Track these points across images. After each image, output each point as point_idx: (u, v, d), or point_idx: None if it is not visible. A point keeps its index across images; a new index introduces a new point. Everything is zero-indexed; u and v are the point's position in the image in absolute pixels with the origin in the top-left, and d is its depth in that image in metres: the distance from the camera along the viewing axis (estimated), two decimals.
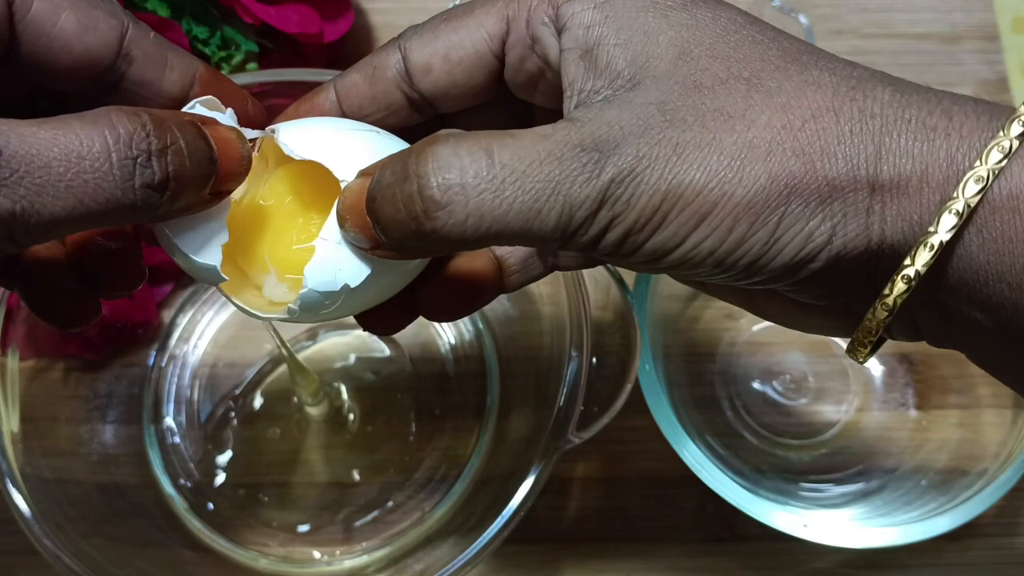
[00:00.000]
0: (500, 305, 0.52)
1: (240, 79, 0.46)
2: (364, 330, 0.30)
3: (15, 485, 0.40)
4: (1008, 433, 0.46)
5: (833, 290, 0.26)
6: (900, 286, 0.24)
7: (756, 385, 0.50)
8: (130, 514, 0.47)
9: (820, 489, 0.48)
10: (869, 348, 0.26)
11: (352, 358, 0.51)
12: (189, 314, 0.52)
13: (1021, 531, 0.47)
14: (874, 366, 0.50)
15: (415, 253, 0.26)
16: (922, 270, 0.23)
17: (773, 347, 0.51)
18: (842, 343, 0.51)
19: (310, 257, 0.26)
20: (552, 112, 0.28)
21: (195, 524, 0.47)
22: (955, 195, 0.23)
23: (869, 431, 0.49)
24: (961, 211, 0.23)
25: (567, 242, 0.24)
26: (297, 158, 0.26)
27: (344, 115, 0.29)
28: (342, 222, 0.26)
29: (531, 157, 0.24)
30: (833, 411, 0.50)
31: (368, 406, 0.50)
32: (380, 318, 0.30)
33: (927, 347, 0.51)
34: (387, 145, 0.27)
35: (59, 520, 0.41)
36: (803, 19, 0.53)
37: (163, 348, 0.51)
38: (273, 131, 0.27)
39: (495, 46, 0.27)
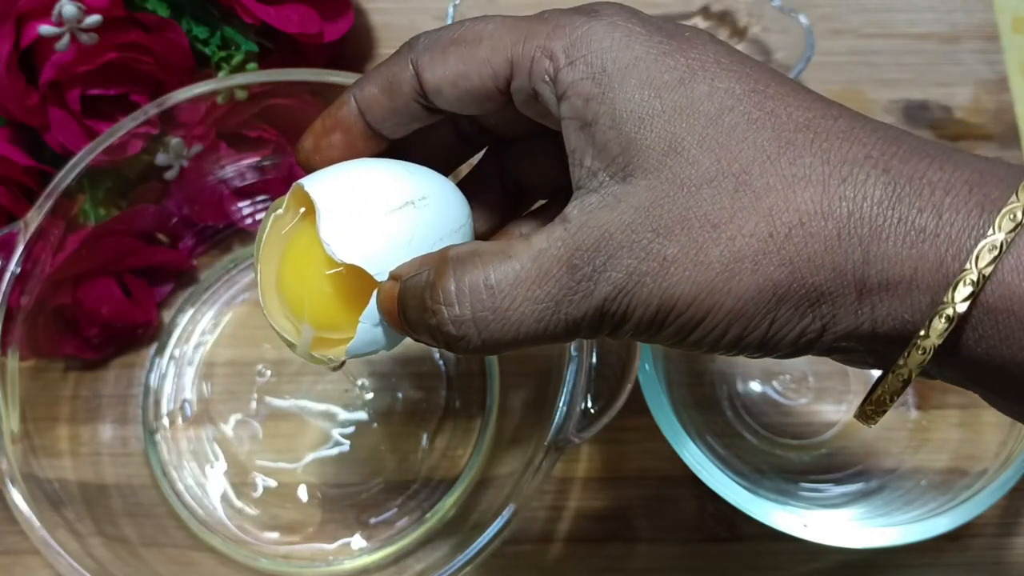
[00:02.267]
0: None
1: (240, 79, 0.47)
2: None
3: (15, 485, 0.40)
4: (1008, 433, 0.46)
5: (846, 358, 0.27)
6: (895, 383, 0.25)
7: (756, 385, 0.50)
8: (130, 514, 0.47)
9: (820, 489, 0.48)
10: (879, 416, 0.27)
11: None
12: (189, 314, 0.52)
13: (1021, 531, 0.47)
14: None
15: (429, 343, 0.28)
16: (916, 371, 0.24)
17: None
18: None
19: (345, 316, 0.29)
20: None
21: (195, 524, 0.47)
22: (945, 299, 0.23)
23: (869, 431, 0.49)
24: (952, 316, 0.23)
25: (584, 338, 0.27)
26: (337, 259, 0.27)
27: (368, 126, 0.29)
28: (381, 314, 0.28)
29: (530, 280, 0.25)
30: (833, 411, 0.50)
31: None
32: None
33: None
34: (432, 221, 0.29)
35: (59, 520, 0.41)
36: (803, 19, 0.53)
37: (163, 348, 0.51)
38: (301, 185, 0.29)
39: (501, 84, 0.27)
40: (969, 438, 0.48)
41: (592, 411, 0.40)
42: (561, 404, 0.40)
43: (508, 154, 0.32)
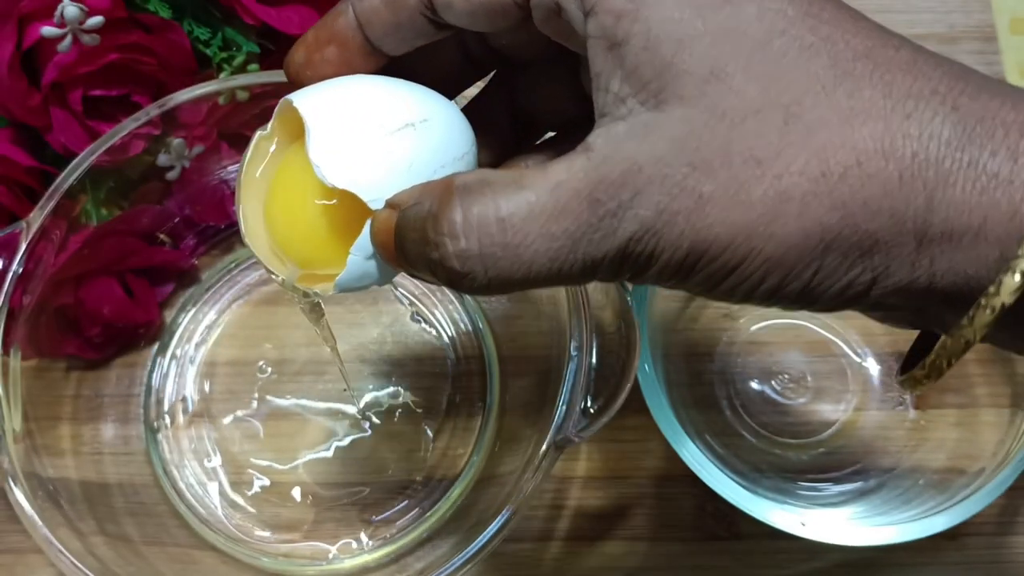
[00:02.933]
0: (500, 305, 0.52)
1: (241, 80, 0.47)
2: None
3: (17, 484, 0.40)
4: (1006, 432, 0.46)
5: (885, 315, 0.25)
6: (955, 345, 0.22)
7: (755, 385, 0.50)
8: (132, 513, 0.47)
9: (818, 488, 0.48)
10: (928, 383, 0.25)
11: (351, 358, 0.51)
12: (191, 313, 0.52)
13: (1019, 530, 0.47)
14: (872, 365, 0.51)
15: (432, 283, 0.26)
16: (981, 332, 0.21)
17: (772, 347, 0.51)
18: (841, 343, 0.51)
19: (336, 250, 0.26)
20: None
21: (196, 523, 0.47)
22: (1020, 253, 0.20)
23: (867, 430, 0.49)
24: None
25: (601, 282, 0.25)
26: (329, 185, 0.25)
27: (367, 41, 0.27)
28: (375, 246, 0.25)
29: (546, 214, 0.22)
30: (831, 410, 0.50)
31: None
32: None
33: None
34: (434, 146, 0.26)
35: (61, 519, 0.41)
36: None
37: (164, 348, 0.51)
38: (290, 100, 0.26)
39: None
40: (967, 437, 0.48)
41: (592, 411, 0.40)
42: (561, 404, 0.40)
43: (518, 80, 0.30)
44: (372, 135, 0.26)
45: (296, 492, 0.48)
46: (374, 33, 0.27)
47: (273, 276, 0.28)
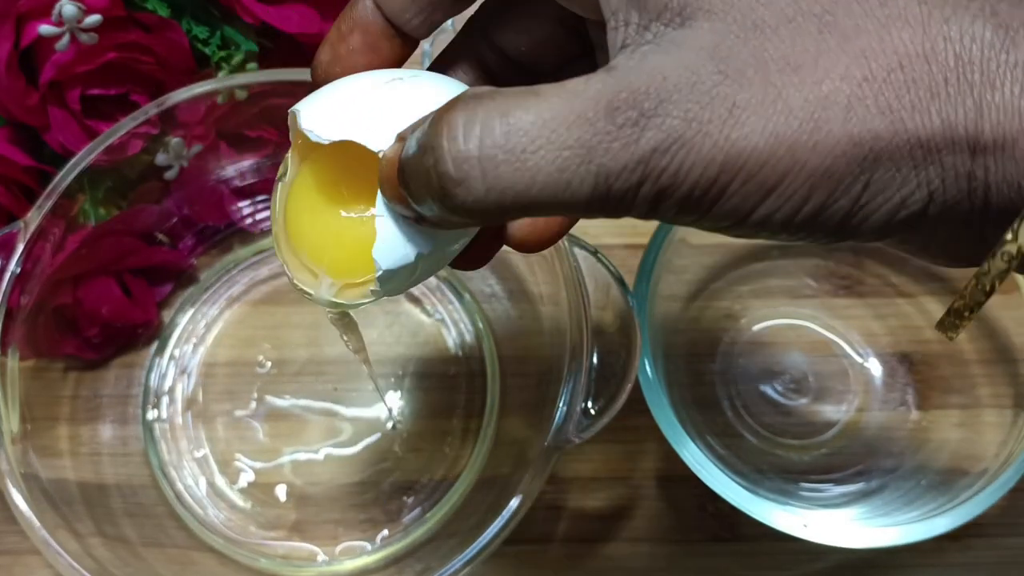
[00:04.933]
0: (500, 305, 0.52)
1: (240, 79, 0.47)
2: (452, 267, 0.28)
3: (15, 485, 0.40)
4: (1008, 433, 0.46)
5: (932, 247, 0.23)
6: (999, 264, 0.20)
7: (756, 385, 0.50)
8: (130, 514, 0.47)
9: (820, 489, 0.48)
10: (962, 328, 0.23)
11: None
12: (189, 314, 0.52)
13: (1022, 531, 0.47)
14: (874, 366, 0.50)
15: (456, 226, 0.23)
16: None
17: (773, 347, 0.51)
18: (842, 343, 0.51)
19: (361, 255, 0.25)
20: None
21: (195, 524, 0.47)
22: None
23: (869, 431, 0.49)
24: None
25: (611, 212, 0.21)
26: (325, 142, 0.24)
27: (388, 20, 0.26)
28: (384, 194, 0.24)
29: (557, 120, 0.20)
30: (833, 411, 0.50)
31: None
32: (464, 256, 0.27)
33: (928, 347, 0.51)
34: (429, 93, 0.25)
35: (58, 520, 0.41)
36: None
37: (163, 348, 0.51)
38: (295, 112, 0.25)
39: None
40: (969, 438, 0.48)
41: (592, 411, 0.40)
42: (561, 404, 0.40)
43: (494, 24, 0.28)
44: (361, 90, 0.25)
45: (295, 493, 0.48)
46: (392, 10, 0.26)
47: (308, 295, 0.28)
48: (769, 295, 0.52)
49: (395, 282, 0.25)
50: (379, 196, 0.24)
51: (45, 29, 0.43)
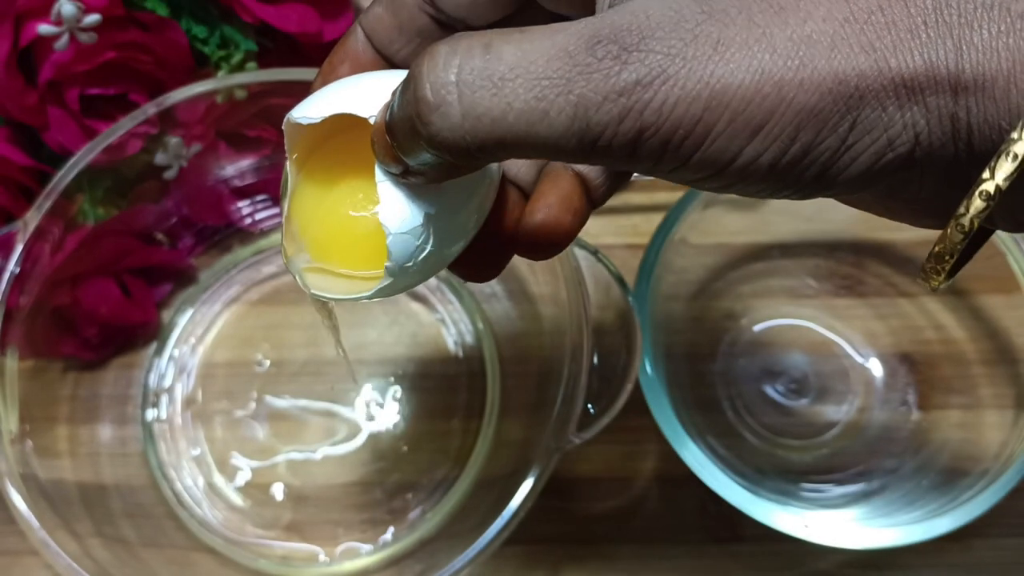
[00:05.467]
0: (500, 305, 0.52)
1: (239, 78, 0.46)
2: (463, 278, 0.28)
3: (14, 485, 0.40)
4: (1009, 433, 0.46)
5: (920, 204, 0.23)
6: (978, 204, 0.20)
7: (757, 385, 0.50)
8: (129, 515, 0.46)
9: (821, 490, 0.48)
10: (944, 274, 0.22)
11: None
12: (188, 314, 0.52)
13: (1023, 532, 0.47)
14: (875, 366, 0.50)
15: (438, 172, 0.23)
16: (1003, 184, 0.20)
17: (774, 347, 0.51)
18: (843, 343, 0.51)
19: (374, 246, 0.25)
20: None
21: (194, 524, 0.47)
22: None
23: (870, 431, 0.49)
24: None
25: (590, 152, 0.21)
26: (318, 120, 0.25)
27: (376, 51, 0.27)
28: (376, 156, 0.24)
29: (538, 52, 0.20)
30: (834, 411, 0.50)
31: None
32: (475, 262, 0.28)
33: (928, 347, 0.51)
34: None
35: (57, 521, 0.41)
36: None
37: (162, 348, 0.51)
38: (288, 118, 0.26)
39: None
40: (970, 438, 0.48)
41: (592, 411, 0.40)
42: (561, 405, 0.40)
43: None
44: (350, 81, 0.26)
45: (295, 494, 0.48)
46: (380, 41, 0.27)
47: (324, 304, 0.29)
48: (770, 295, 0.52)
49: (404, 256, 0.25)
50: (377, 165, 0.24)
51: (44, 28, 0.43)
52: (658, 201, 0.54)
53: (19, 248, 0.42)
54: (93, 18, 0.43)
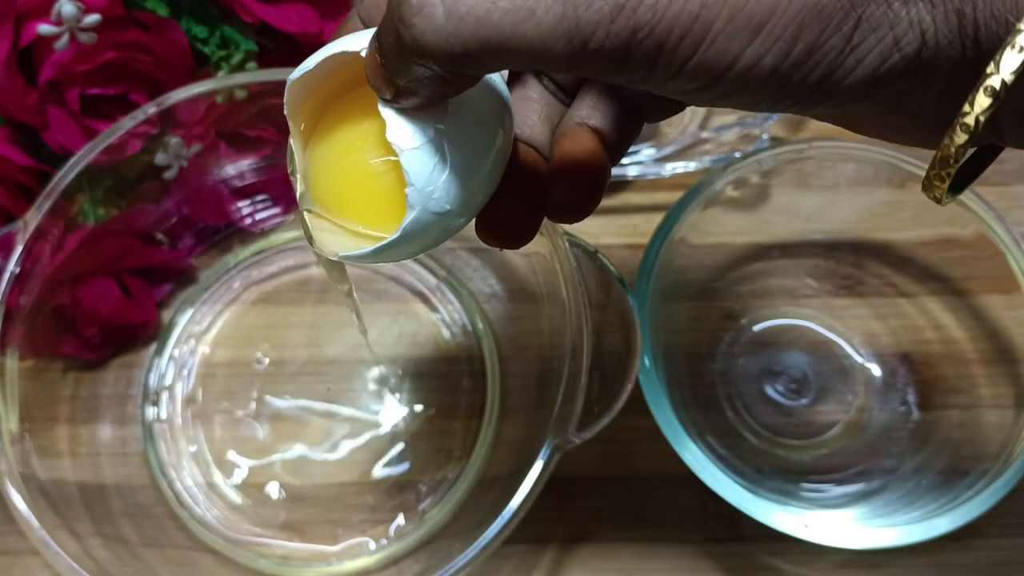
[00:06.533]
0: (500, 305, 0.52)
1: (239, 78, 0.46)
2: (496, 245, 0.28)
3: (14, 485, 0.40)
4: (1009, 433, 0.45)
5: (924, 118, 0.22)
6: (983, 100, 0.19)
7: (757, 385, 0.50)
8: (129, 515, 0.46)
9: (821, 489, 0.48)
10: (948, 181, 0.21)
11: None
12: (188, 314, 0.52)
13: (1023, 532, 0.47)
14: (875, 366, 0.50)
15: (430, 89, 0.22)
16: (1009, 79, 0.19)
17: (774, 347, 0.51)
18: (843, 343, 0.51)
19: (394, 195, 0.25)
20: None
21: (194, 524, 0.47)
22: None
23: (870, 431, 0.49)
24: None
25: (580, 56, 0.20)
26: (313, 67, 0.25)
27: None
28: (371, 84, 0.23)
29: None
30: (834, 411, 0.50)
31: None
32: (505, 227, 0.27)
33: (928, 347, 0.51)
34: None
35: (58, 521, 0.41)
36: None
37: (162, 348, 0.51)
38: (289, 81, 0.26)
39: None
40: (970, 438, 0.48)
41: (592, 411, 0.40)
42: (561, 405, 0.40)
43: None
44: (342, 39, 0.25)
45: (295, 494, 0.48)
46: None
47: (336, 266, 0.28)
48: (769, 295, 0.52)
49: (426, 174, 0.24)
50: (379, 100, 0.24)
51: (44, 28, 0.43)
52: (658, 201, 0.54)
53: (19, 248, 0.42)
54: (93, 18, 0.43)
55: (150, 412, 0.50)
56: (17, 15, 0.44)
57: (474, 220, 0.27)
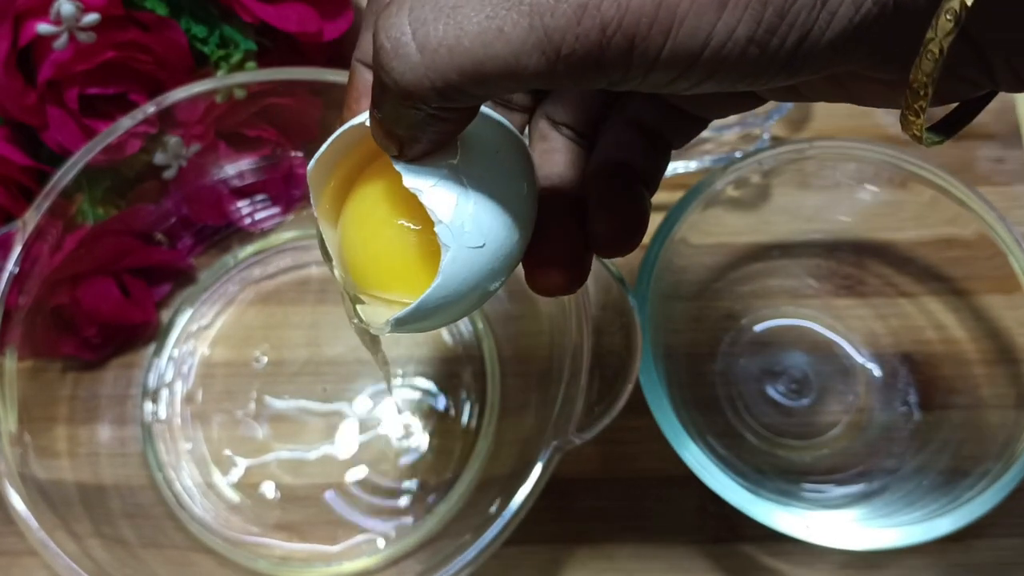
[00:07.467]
0: (500, 305, 0.51)
1: (239, 78, 0.46)
2: (547, 290, 0.27)
3: (13, 486, 0.40)
4: (1011, 434, 0.45)
5: (905, 72, 0.21)
6: (944, 24, 0.19)
7: (757, 386, 0.50)
8: (129, 515, 0.46)
9: (822, 490, 0.47)
10: (923, 116, 0.21)
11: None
12: (187, 314, 0.52)
13: (1023, 532, 0.47)
14: (876, 366, 0.50)
15: (427, 132, 0.23)
16: (969, 0, 0.19)
17: (774, 347, 0.51)
18: (844, 343, 0.51)
19: (424, 260, 0.25)
20: None
21: (193, 525, 0.47)
22: None
23: (871, 431, 0.49)
24: None
25: (556, 65, 0.20)
26: (326, 147, 0.25)
27: None
28: (375, 139, 0.24)
29: None
30: (835, 412, 0.49)
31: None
32: (553, 271, 0.27)
33: (929, 347, 0.51)
34: None
35: (57, 522, 0.41)
36: None
37: (161, 348, 0.51)
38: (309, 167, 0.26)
39: None
40: (971, 438, 0.48)
41: (593, 411, 0.40)
42: (561, 404, 0.40)
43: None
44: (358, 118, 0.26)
45: (293, 495, 0.48)
46: None
47: (357, 321, 0.28)
48: (770, 295, 0.52)
49: (450, 208, 0.24)
50: (392, 161, 0.24)
51: (43, 28, 0.43)
52: (658, 201, 0.53)
53: (18, 248, 0.42)
54: (92, 17, 0.43)
55: (149, 412, 0.50)
56: (16, 14, 0.44)
57: (523, 269, 0.27)
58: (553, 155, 0.28)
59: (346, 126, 0.25)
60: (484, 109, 0.26)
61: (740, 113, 0.30)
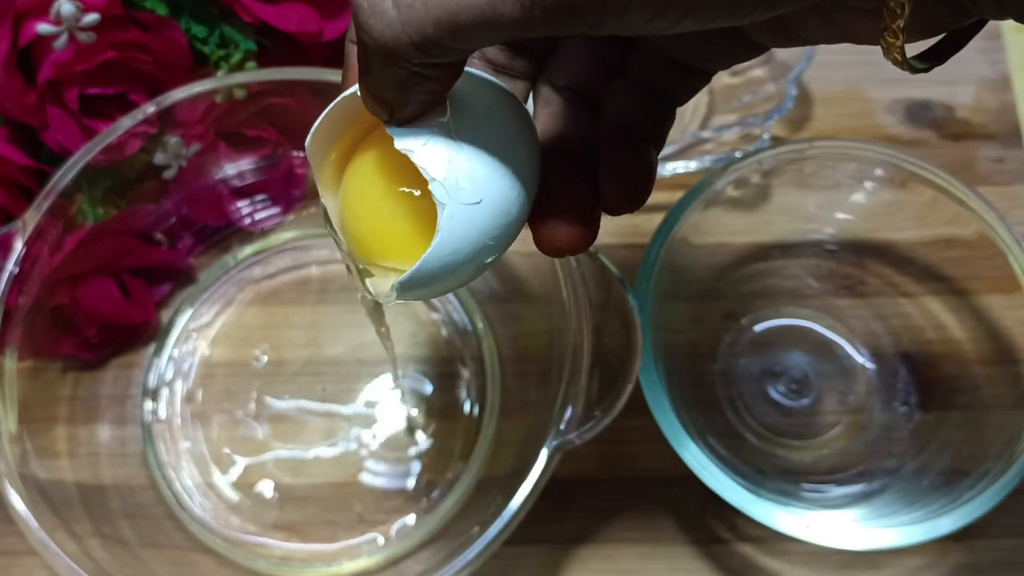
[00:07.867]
0: (500, 305, 0.52)
1: (239, 78, 0.46)
2: (554, 251, 0.27)
3: (13, 486, 0.40)
4: (1011, 434, 0.45)
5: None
6: None
7: (757, 386, 0.50)
8: (129, 515, 0.46)
9: (822, 490, 0.47)
10: (901, 38, 0.21)
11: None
12: (187, 314, 0.52)
13: (1023, 532, 0.47)
14: (876, 366, 0.50)
15: (412, 92, 0.23)
16: None
17: (774, 347, 0.51)
18: (844, 343, 0.51)
19: (421, 224, 0.25)
20: None
21: (193, 525, 0.47)
22: None
23: (871, 432, 0.49)
24: None
25: (531, 12, 0.20)
26: (322, 117, 0.25)
27: None
28: (367, 108, 0.24)
29: None
30: (835, 412, 0.49)
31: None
32: (562, 226, 0.27)
33: (930, 347, 0.51)
34: None
35: (56, 522, 0.41)
36: None
37: (161, 348, 0.51)
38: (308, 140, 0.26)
39: None
40: (971, 438, 0.48)
41: (593, 411, 0.40)
42: (561, 404, 0.40)
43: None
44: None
45: (293, 494, 0.48)
46: None
47: (364, 290, 0.27)
48: (770, 295, 0.52)
49: (441, 165, 0.24)
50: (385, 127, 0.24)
51: (43, 28, 0.43)
52: (658, 201, 0.54)
53: (18, 248, 0.42)
54: (92, 17, 0.43)
55: (149, 412, 0.50)
56: (16, 14, 0.44)
57: (531, 230, 0.27)
58: (556, 118, 0.28)
59: (341, 96, 0.25)
60: (476, 71, 0.26)
61: (743, 63, 0.29)
